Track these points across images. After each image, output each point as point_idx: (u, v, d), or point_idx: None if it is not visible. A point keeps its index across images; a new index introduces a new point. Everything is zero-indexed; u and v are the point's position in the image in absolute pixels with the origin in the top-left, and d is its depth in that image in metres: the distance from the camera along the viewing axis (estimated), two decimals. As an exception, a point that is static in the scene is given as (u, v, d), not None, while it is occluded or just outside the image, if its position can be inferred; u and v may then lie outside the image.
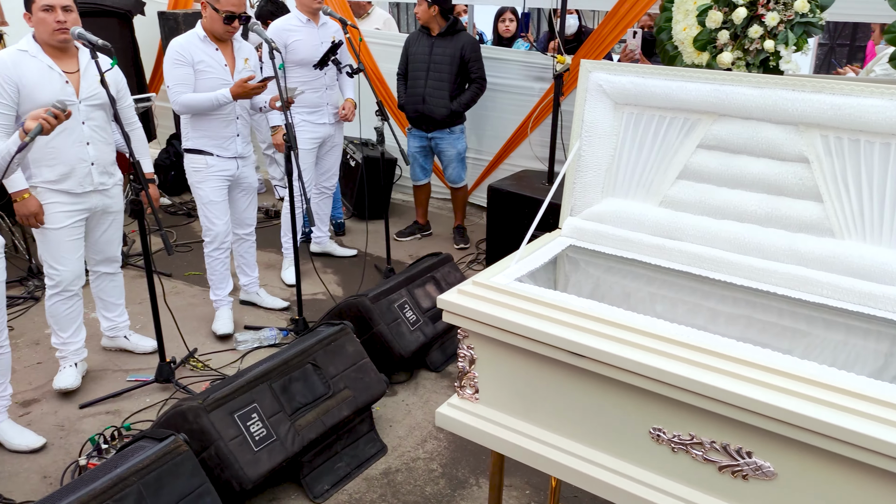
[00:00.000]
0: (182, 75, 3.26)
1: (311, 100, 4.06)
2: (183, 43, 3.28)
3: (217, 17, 3.24)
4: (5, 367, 2.72)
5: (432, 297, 3.53)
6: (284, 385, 2.59)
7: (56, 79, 2.79)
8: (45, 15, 2.73)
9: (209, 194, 3.46)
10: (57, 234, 2.90)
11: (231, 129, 3.44)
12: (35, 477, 2.61)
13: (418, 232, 5.16)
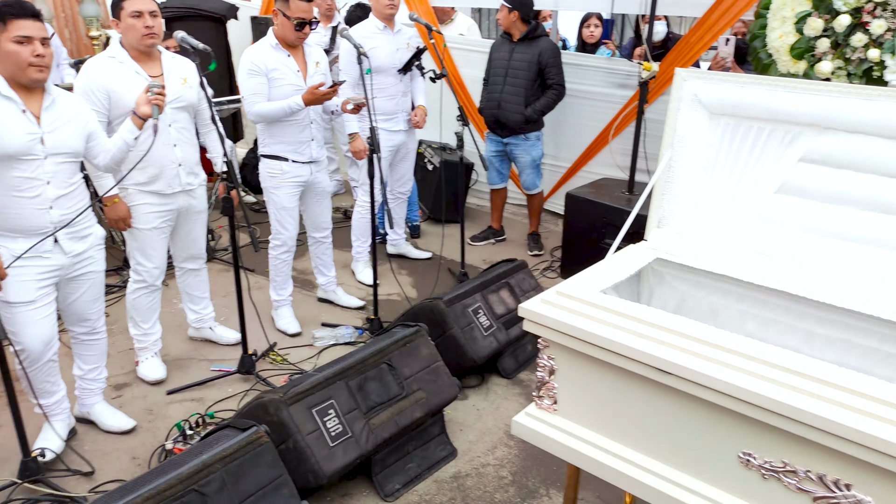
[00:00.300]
0: (256, 85, 3.32)
1: (386, 107, 4.10)
2: (257, 52, 3.32)
3: (289, 24, 3.27)
4: (102, 351, 2.88)
5: (506, 304, 3.52)
6: (360, 383, 2.64)
7: (143, 83, 2.86)
8: (135, 21, 2.82)
9: (282, 200, 3.55)
10: (147, 233, 3.05)
11: (306, 134, 3.49)
12: (125, 457, 2.76)
13: (492, 237, 5.15)
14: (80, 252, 2.59)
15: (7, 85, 2.35)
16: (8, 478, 2.55)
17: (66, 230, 2.52)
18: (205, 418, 2.86)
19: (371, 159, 3.43)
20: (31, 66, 2.32)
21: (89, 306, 2.73)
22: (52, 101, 2.45)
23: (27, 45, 2.31)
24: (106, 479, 2.62)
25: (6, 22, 2.28)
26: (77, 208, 2.55)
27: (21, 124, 2.36)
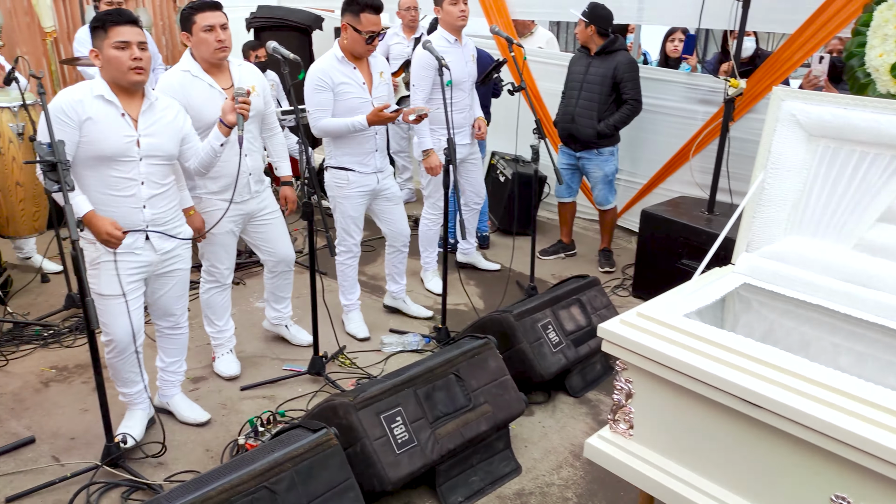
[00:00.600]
0: (322, 101, 3.33)
1: (455, 120, 4.09)
2: (324, 68, 3.32)
3: (359, 38, 3.28)
4: (183, 345, 3.00)
5: (577, 320, 3.47)
6: (428, 392, 2.65)
7: (217, 96, 2.96)
8: (207, 35, 2.88)
9: (348, 209, 3.59)
10: (220, 237, 3.15)
11: (370, 145, 3.52)
12: (199, 449, 2.85)
13: (562, 251, 5.09)
14: (168, 250, 2.71)
15: (109, 89, 2.48)
16: (92, 460, 2.68)
17: (158, 228, 2.64)
18: (276, 416, 2.93)
19: (447, 169, 3.45)
20: (131, 70, 2.44)
21: (175, 302, 2.85)
22: (150, 105, 2.57)
23: (126, 49, 2.43)
24: (180, 468, 2.72)
25: (107, 29, 2.41)
26: (169, 208, 2.66)
27: (119, 127, 2.49)
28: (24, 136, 3.80)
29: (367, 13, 3.23)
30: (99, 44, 2.44)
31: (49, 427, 2.93)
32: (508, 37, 3.83)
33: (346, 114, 3.38)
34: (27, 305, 3.95)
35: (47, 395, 3.16)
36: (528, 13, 5.47)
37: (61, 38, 5.42)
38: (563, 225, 5.04)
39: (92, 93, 2.46)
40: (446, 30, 3.94)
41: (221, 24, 2.90)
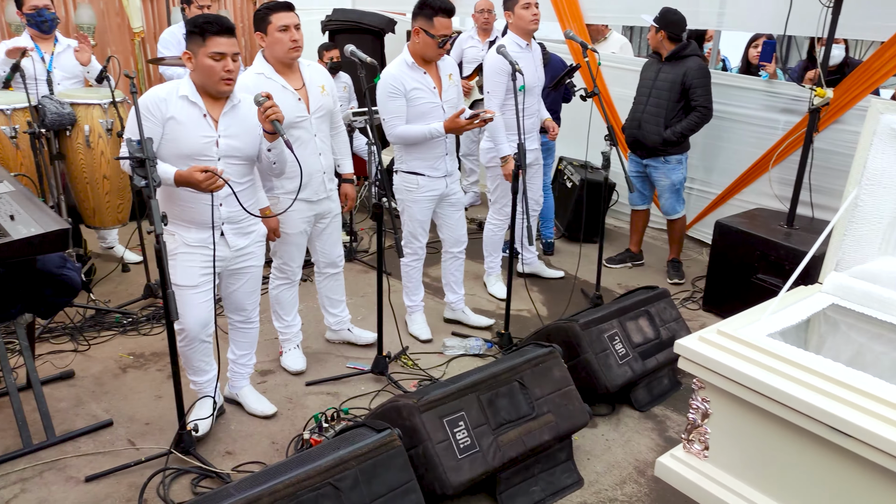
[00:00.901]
0: (396, 108, 3.34)
1: (525, 125, 4.06)
2: (395, 74, 3.32)
3: (431, 42, 3.27)
4: (254, 339, 3.08)
5: (644, 333, 3.39)
6: (491, 399, 2.63)
7: (290, 97, 3.01)
8: (282, 35, 2.93)
9: (417, 213, 3.61)
10: (294, 236, 3.22)
11: (441, 149, 3.52)
12: (265, 441, 2.92)
13: (630, 260, 4.98)
14: (242, 247, 2.78)
15: (195, 90, 2.57)
16: (164, 446, 2.79)
17: (232, 226, 2.72)
18: (339, 413, 2.97)
19: (516, 175, 3.42)
20: (221, 80, 2.51)
21: (247, 297, 2.93)
22: (233, 108, 2.64)
23: (221, 60, 2.49)
24: (247, 459, 2.79)
25: (205, 38, 2.47)
26: (246, 205, 2.73)
27: (200, 127, 2.57)
28: (112, 131, 3.99)
29: (440, 17, 3.23)
30: (194, 49, 2.51)
31: (125, 411, 3.06)
32: (583, 41, 3.78)
33: (417, 118, 3.39)
34: (108, 293, 4.14)
35: (125, 381, 3.30)
36: (602, 17, 5.39)
37: (148, 39, 5.67)
38: (633, 233, 4.93)
39: (177, 93, 2.55)
40: (517, 34, 3.90)
41: (295, 24, 2.95)
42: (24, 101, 3.65)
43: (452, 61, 3.59)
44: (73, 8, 5.21)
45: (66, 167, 4.02)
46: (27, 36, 4.12)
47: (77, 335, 3.63)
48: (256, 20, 2.99)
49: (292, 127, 3.01)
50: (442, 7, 3.21)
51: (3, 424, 2.91)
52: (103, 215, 4.16)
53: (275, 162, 2.71)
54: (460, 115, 3.31)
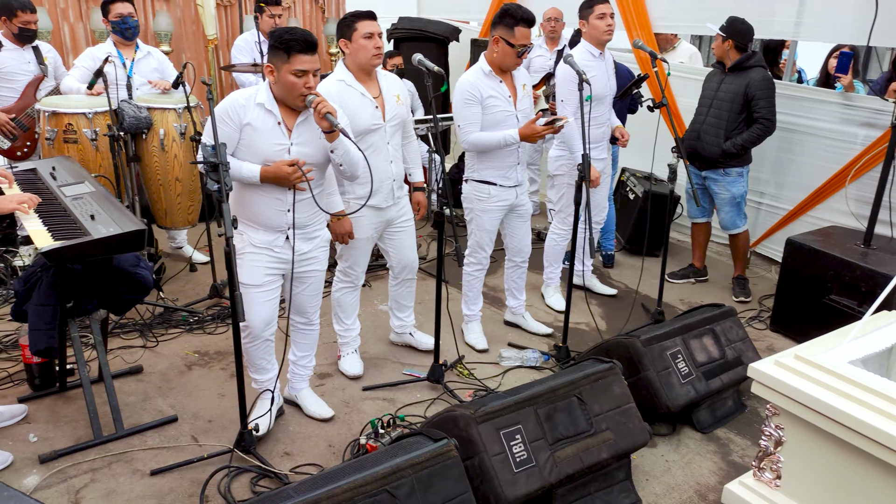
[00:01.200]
0: (472, 114, 3.36)
1: (594, 134, 4.01)
2: (472, 81, 3.35)
3: (511, 52, 3.28)
4: (314, 341, 3.13)
5: (709, 352, 3.28)
6: (549, 413, 2.59)
7: (368, 104, 3.07)
8: (367, 42, 2.99)
9: (486, 223, 3.60)
10: (361, 242, 3.26)
11: (513, 158, 3.51)
12: (322, 444, 2.96)
13: (693, 276, 4.85)
14: (306, 251, 2.84)
15: (272, 98, 2.63)
16: (226, 444, 2.86)
17: (299, 231, 2.77)
18: (395, 419, 2.98)
19: (579, 186, 3.38)
20: (301, 96, 2.56)
21: (309, 300, 2.98)
22: (307, 118, 2.68)
23: (302, 77, 2.53)
24: (305, 461, 2.83)
25: (290, 55, 2.51)
26: (312, 212, 2.80)
27: (274, 135, 2.63)
28: (185, 135, 4.14)
29: (521, 27, 3.25)
30: (277, 63, 2.55)
31: (190, 408, 3.15)
32: (652, 51, 3.71)
33: (491, 127, 3.40)
34: (176, 292, 4.28)
35: (189, 378, 3.40)
36: (672, 27, 5.27)
37: (221, 46, 5.86)
38: (695, 248, 4.80)
39: (255, 100, 2.61)
40: (591, 43, 3.90)
41: (378, 32, 3.02)
42: (105, 105, 3.82)
43: (526, 72, 3.60)
44: (152, 16, 5.44)
45: (141, 169, 4.19)
46: (111, 42, 4.32)
47: (146, 332, 3.76)
48: (342, 27, 3.06)
49: (367, 134, 3.07)
50: (523, 17, 3.23)
51: (76, 415, 3.03)
52: (174, 216, 4.32)
53: (341, 164, 2.74)
54: (536, 120, 3.31)
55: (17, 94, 4.30)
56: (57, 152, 3.91)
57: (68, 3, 5.19)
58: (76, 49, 5.25)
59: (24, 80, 4.31)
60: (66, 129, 3.92)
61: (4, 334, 3.63)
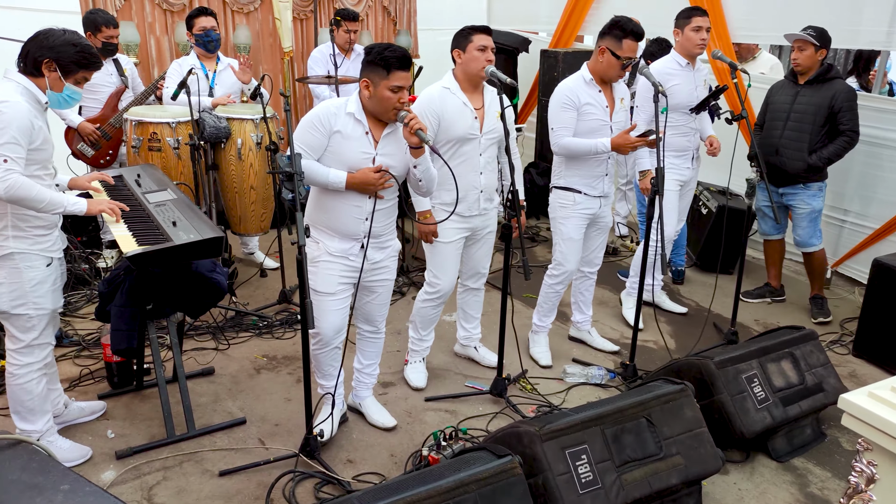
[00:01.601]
0: (567, 119, 3.38)
1: (679, 143, 3.97)
2: (571, 87, 3.38)
3: (616, 63, 3.29)
4: (379, 350, 3.15)
5: (787, 377, 3.13)
6: (616, 434, 2.52)
7: (468, 114, 3.12)
8: (480, 54, 3.05)
9: (570, 231, 3.56)
10: (446, 247, 3.27)
11: (602, 169, 3.49)
12: (384, 453, 2.97)
13: (769, 295, 4.66)
14: (378, 260, 2.86)
15: (361, 109, 2.70)
16: (291, 448, 2.90)
17: (374, 240, 2.81)
18: (458, 432, 2.97)
19: (652, 200, 3.30)
20: (394, 111, 2.62)
21: (378, 310, 3.01)
22: (394, 131, 2.74)
23: (398, 93, 2.60)
24: (367, 469, 2.85)
25: (389, 72, 2.58)
26: (387, 222, 2.84)
27: (361, 144, 2.69)
28: (261, 145, 4.26)
29: (629, 39, 3.26)
30: (375, 78, 2.61)
31: (257, 411, 3.22)
32: (732, 62, 3.60)
33: (586, 134, 3.40)
34: (247, 296, 4.40)
35: (258, 381, 3.48)
36: (753, 36, 5.09)
37: (296, 58, 6.02)
38: (770, 266, 4.61)
39: (345, 109, 2.69)
40: (680, 53, 3.89)
41: (491, 47, 3.09)
42: (188, 115, 3.97)
43: (626, 87, 3.59)
44: (232, 29, 5.64)
45: (219, 177, 4.34)
46: (194, 55, 4.50)
47: (219, 334, 3.88)
48: (457, 38, 3.14)
49: (462, 142, 3.13)
50: (632, 30, 3.25)
51: (151, 413, 3.15)
52: (248, 223, 4.45)
53: (421, 179, 2.77)
54: (630, 131, 3.31)
55: (101, 105, 4.53)
56: (142, 160, 4.10)
57: (155, 17, 5.44)
58: (161, 61, 5.50)
59: (107, 91, 4.54)
60: (151, 138, 4.10)
61: (87, 333, 3.81)
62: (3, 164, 2.33)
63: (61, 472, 1.78)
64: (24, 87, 2.46)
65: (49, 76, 2.49)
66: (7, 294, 2.50)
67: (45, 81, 2.50)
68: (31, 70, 2.48)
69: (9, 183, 2.33)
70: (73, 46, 2.48)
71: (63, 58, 2.47)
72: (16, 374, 2.62)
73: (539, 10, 6.69)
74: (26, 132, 2.39)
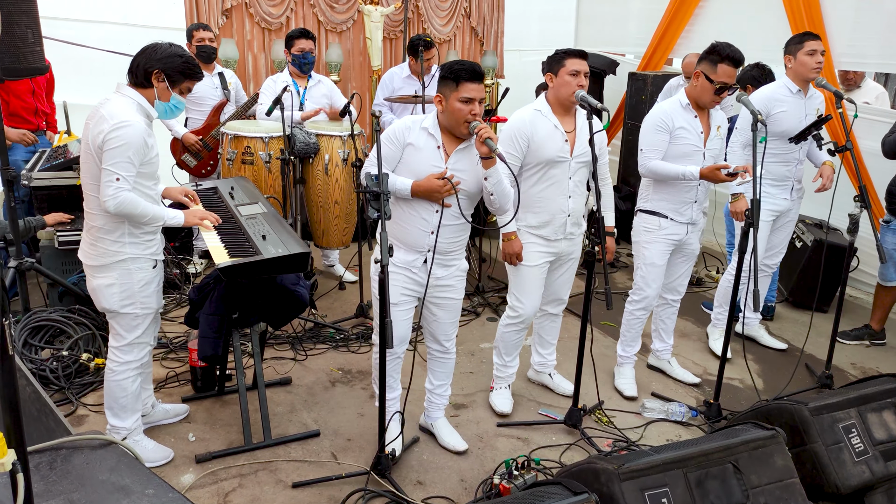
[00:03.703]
0: (657, 141, 3.31)
1: (778, 172, 3.79)
2: (667, 110, 3.33)
3: (709, 88, 3.21)
4: (450, 370, 3.13)
5: (889, 429, 2.89)
6: (700, 478, 2.39)
7: (558, 137, 3.08)
8: (571, 79, 3.01)
9: (653, 257, 3.47)
10: (530, 270, 3.23)
11: (691, 195, 3.39)
12: (454, 477, 2.93)
13: (867, 338, 4.36)
14: (441, 276, 2.87)
15: (436, 124, 2.74)
16: (363, 465, 2.92)
17: (439, 256, 2.82)
18: (530, 462, 2.90)
19: (746, 233, 3.15)
20: (466, 122, 2.64)
21: (445, 328, 3.00)
22: (467, 147, 2.75)
23: (469, 104, 2.63)
24: (437, 493, 2.82)
25: (459, 84, 2.62)
26: (455, 239, 2.84)
27: (433, 157, 2.73)
28: (347, 161, 4.35)
29: (725, 64, 3.18)
30: (446, 92, 2.67)
31: (331, 424, 3.25)
32: (838, 91, 3.41)
33: (678, 158, 3.33)
34: (325, 308, 4.48)
35: (333, 394, 3.53)
36: (860, 63, 4.83)
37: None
38: (876, 309, 4.32)
39: (420, 124, 2.76)
40: (792, 79, 3.72)
41: (585, 72, 3.04)
42: (280, 131, 4.11)
43: (724, 116, 3.49)
44: (325, 48, 5.82)
45: (305, 191, 4.46)
46: (287, 72, 4.66)
47: (297, 345, 3.96)
48: (550, 61, 3.12)
49: (551, 165, 3.10)
50: (729, 55, 3.17)
51: (230, 420, 3.24)
52: (330, 237, 4.55)
53: (492, 193, 2.75)
54: (721, 168, 3.22)
55: (204, 117, 4.76)
56: (236, 172, 4.27)
57: (254, 35, 5.69)
58: (257, 77, 5.73)
59: (211, 104, 4.77)
60: (245, 151, 4.27)
61: (175, 336, 3.97)
62: (115, 182, 2.49)
63: (146, 475, 1.84)
64: (138, 103, 2.61)
65: (157, 86, 2.63)
66: (118, 294, 2.66)
67: (154, 92, 2.64)
68: (140, 81, 2.62)
69: (119, 200, 2.50)
70: (179, 58, 2.62)
71: (170, 68, 2.60)
72: (115, 370, 2.76)
73: (628, 32, 6.59)
74: (140, 152, 2.54)
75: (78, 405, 3.28)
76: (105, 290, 2.66)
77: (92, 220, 2.64)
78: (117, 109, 2.52)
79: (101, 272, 2.65)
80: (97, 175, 2.54)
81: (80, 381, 3.41)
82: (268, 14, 5.68)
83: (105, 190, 2.50)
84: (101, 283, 2.66)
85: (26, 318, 3.55)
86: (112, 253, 2.63)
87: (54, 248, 3.93)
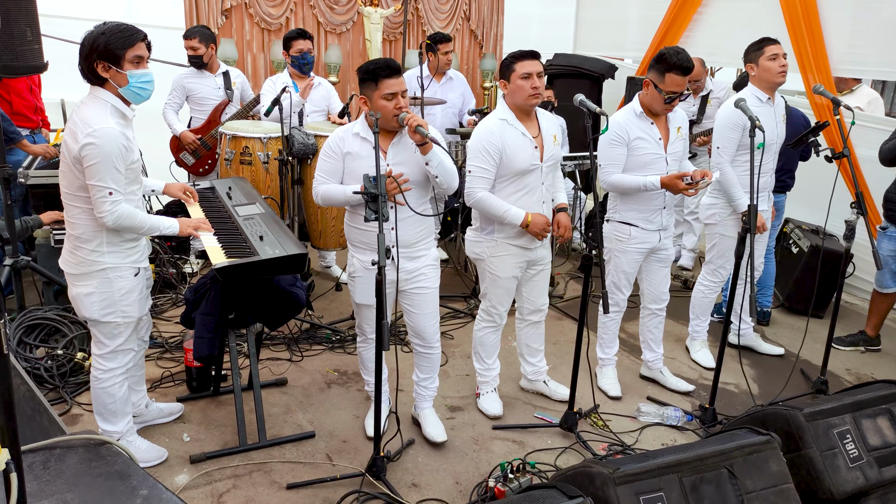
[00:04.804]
0: (615, 155, 3.28)
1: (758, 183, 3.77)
2: (621, 122, 3.28)
3: (658, 97, 3.19)
4: (435, 364, 3.16)
5: (884, 435, 2.90)
6: (695, 483, 2.40)
7: (528, 145, 3.05)
8: (524, 82, 2.98)
9: (623, 264, 3.47)
10: (504, 280, 3.23)
11: (658, 202, 3.37)
12: (449, 479, 2.93)
13: (863, 344, 4.37)
14: (411, 270, 2.91)
15: (366, 127, 2.78)
16: (358, 467, 2.91)
17: (404, 249, 2.86)
18: (526, 465, 2.89)
19: (742, 238, 3.15)
20: (394, 117, 2.71)
21: (423, 321, 3.02)
22: (400, 139, 2.83)
23: (392, 99, 2.70)
24: (431, 495, 2.82)
25: (378, 81, 2.69)
26: (417, 231, 2.89)
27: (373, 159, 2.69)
28: (344, 163, 4.34)
29: (672, 74, 3.15)
30: (369, 93, 2.75)
31: (326, 425, 3.25)
32: (835, 98, 3.43)
33: (639, 168, 3.30)
34: (321, 310, 4.47)
35: (328, 395, 3.52)
36: (857, 70, 4.85)
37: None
38: (872, 315, 4.33)
39: (352, 131, 2.83)
40: (759, 87, 3.64)
41: (538, 72, 3.01)
42: (279, 131, 4.10)
43: (684, 115, 3.46)
44: (324, 49, 5.82)
45: (303, 192, 4.45)
46: (287, 73, 4.66)
47: (293, 346, 3.96)
48: (502, 67, 3.12)
49: (524, 174, 3.08)
50: (677, 64, 3.13)
51: (225, 420, 3.23)
52: (327, 238, 4.54)
53: (437, 176, 2.79)
54: (682, 177, 3.20)
55: (206, 117, 4.76)
56: (233, 172, 4.26)
57: (253, 35, 5.69)
58: (256, 77, 5.73)
59: (213, 104, 4.76)
60: (243, 152, 4.26)
61: (171, 336, 3.97)
62: (108, 196, 2.42)
63: (141, 476, 1.84)
64: (111, 104, 2.45)
65: (110, 76, 2.42)
66: (98, 303, 2.60)
67: (113, 84, 2.44)
68: (96, 80, 2.43)
69: (117, 215, 2.45)
70: (102, 35, 2.39)
71: (103, 51, 2.38)
72: (100, 378, 2.72)
73: (627, 36, 6.61)
74: (122, 157, 2.43)
75: (72, 404, 3.27)
76: (85, 298, 2.58)
77: (71, 228, 2.56)
78: (89, 114, 2.40)
79: (81, 280, 2.58)
80: (76, 185, 2.45)
81: (75, 380, 3.40)
82: (267, 14, 5.68)
83: (100, 206, 2.42)
84: (80, 291, 2.59)
85: (21, 317, 3.54)
86: (91, 262, 2.55)
87: (50, 246, 3.92)
